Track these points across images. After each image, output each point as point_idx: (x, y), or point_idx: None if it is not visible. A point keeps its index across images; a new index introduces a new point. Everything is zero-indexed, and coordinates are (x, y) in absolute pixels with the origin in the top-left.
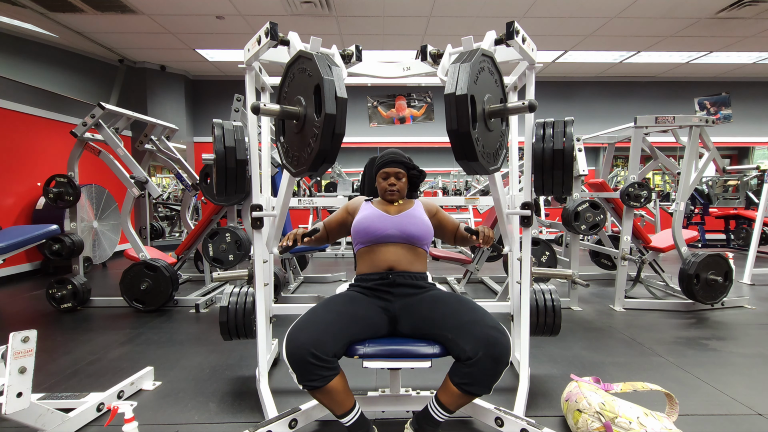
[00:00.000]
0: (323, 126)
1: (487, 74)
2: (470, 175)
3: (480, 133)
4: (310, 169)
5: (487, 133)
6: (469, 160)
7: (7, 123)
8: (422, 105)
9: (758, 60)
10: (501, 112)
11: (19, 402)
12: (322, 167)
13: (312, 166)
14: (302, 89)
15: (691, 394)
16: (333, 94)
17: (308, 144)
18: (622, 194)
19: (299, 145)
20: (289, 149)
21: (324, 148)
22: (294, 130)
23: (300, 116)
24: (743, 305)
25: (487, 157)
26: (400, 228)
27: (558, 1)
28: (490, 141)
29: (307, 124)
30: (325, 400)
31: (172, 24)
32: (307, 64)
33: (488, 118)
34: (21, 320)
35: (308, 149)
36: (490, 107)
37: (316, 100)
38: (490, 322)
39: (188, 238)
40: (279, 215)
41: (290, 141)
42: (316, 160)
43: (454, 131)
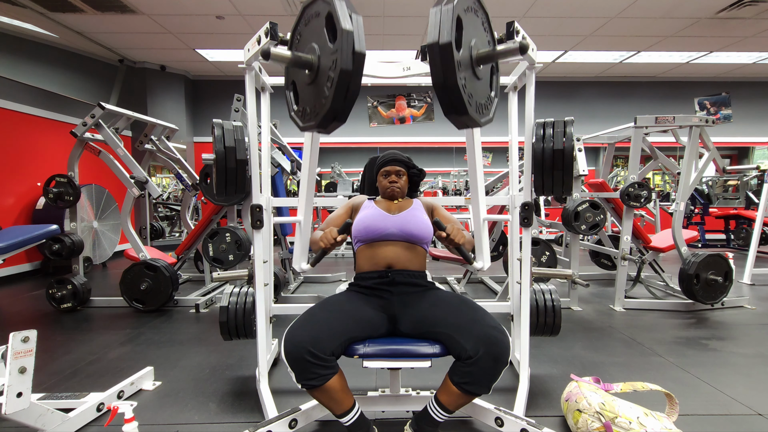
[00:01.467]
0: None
1: (472, 15)
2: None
3: (468, 83)
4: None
5: (476, 82)
6: (459, 114)
7: (7, 123)
8: (422, 105)
9: (758, 60)
10: (490, 57)
11: (19, 402)
12: (332, 125)
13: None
14: (317, 36)
15: (691, 394)
16: (351, 48)
17: (320, 98)
18: (622, 194)
19: (310, 97)
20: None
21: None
22: (305, 80)
23: (313, 66)
24: (743, 305)
25: (478, 108)
26: (400, 227)
27: (558, 1)
28: (479, 90)
29: (321, 75)
30: (324, 399)
31: (172, 24)
32: (314, 7)
33: (476, 64)
34: (21, 320)
35: (319, 103)
36: (479, 52)
37: (329, 33)
38: (491, 321)
39: (188, 238)
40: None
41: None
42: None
43: (441, 84)
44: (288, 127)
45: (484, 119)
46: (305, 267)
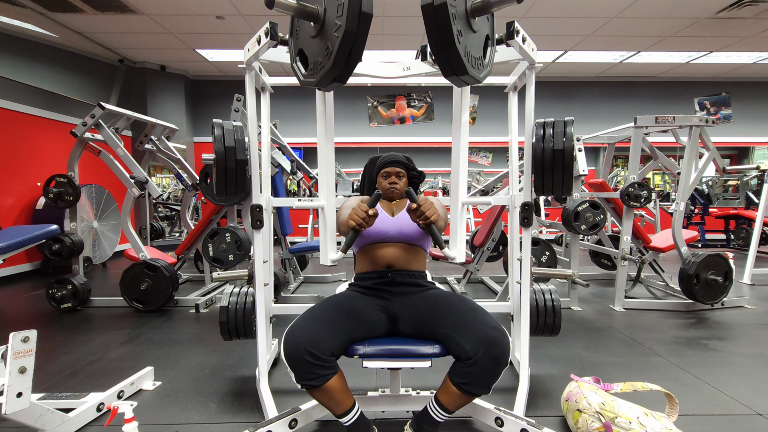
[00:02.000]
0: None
1: None
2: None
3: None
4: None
5: (471, 36)
6: (459, 74)
7: (7, 123)
8: (422, 105)
9: (758, 60)
10: (485, 7)
11: (19, 402)
12: (348, 60)
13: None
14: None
15: (691, 394)
16: (358, 6)
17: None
18: (622, 194)
19: (313, 50)
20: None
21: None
22: (310, 33)
23: (318, 17)
24: (743, 305)
25: (475, 64)
26: (399, 229)
27: (558, 1)
28: (475, 43)
29: (326, 28)
30: (323, 399)
31: (172, 24)
32: None
33: (471, 16)
34: (21, 320)
35: (330, 44)
36: (473, 3)
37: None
38: (491, 321)
39: (188, 238)
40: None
41: (304, 42)
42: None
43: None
44: (288, 127)
45: (483, 73)
46: (336, 257)
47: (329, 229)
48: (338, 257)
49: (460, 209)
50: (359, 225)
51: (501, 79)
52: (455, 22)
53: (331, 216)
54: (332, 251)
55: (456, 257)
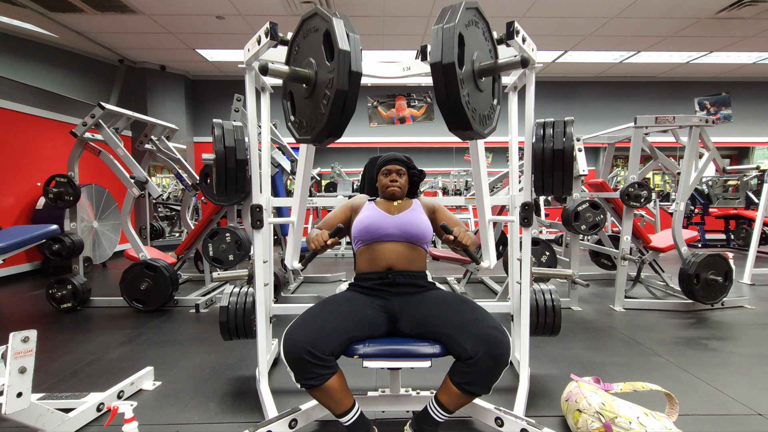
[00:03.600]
0: (332, 102)
1: (473, 29)
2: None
3: (471, 97)
4: (315, 141)
5: (479, 95)
6: (464, 129)
7: (7, 123)
8: (422, 105)
9: (758, 60)
10: (492, 69)
11: (19, 402)
12: (341, 118)
13: (317, 138)
14: (311, 51)
15: (691, 394)
16: (344, 32)
17: (316, 112)
18: (622, 194)
19: (307, 110)
20: (302, 121)
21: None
22: (303, 94)
23: (310, 80)
24: (743, 305)
25: (480, 120)
26: (400, 227)
27: (558, 1)
28: (481, 102)
29: (317, 89)
30: (323, 399)
31: (172, 24)
32: (312, 23)
33: (478, 77)
34: (21, 320)
35: (323, 103)
36: (480, 65)
37: (326, 51)
38: (491, 322)
39: (188, 238)
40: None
41: (302, 111)
42: (334, 108)
43: (445, 102)
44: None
45: (487, 130)
46: (296, 266)
47: (295, 242)
48: (297, 267)
49: (488, 226)
50: (316, 250)
51: (501, 79)
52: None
53: (300, 230)
54: (295, 261)
55: (490, 266)
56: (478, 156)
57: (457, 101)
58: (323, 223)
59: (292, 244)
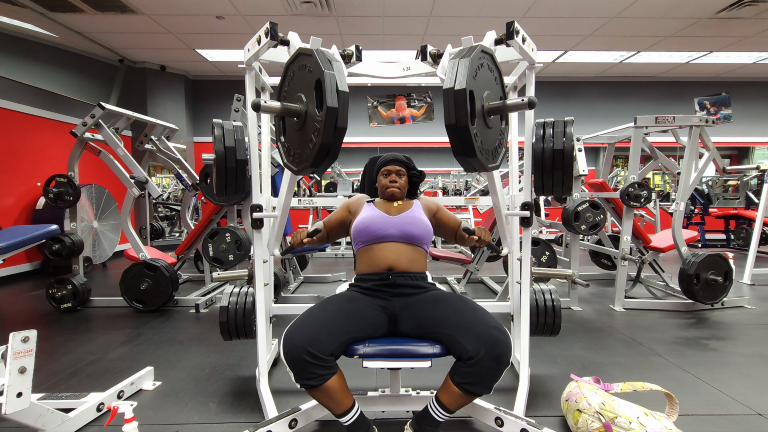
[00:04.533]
0: (325, 120)
1: (486, 71)
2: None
3: (479, 130)
4: (312, 165)
5: (486, 131)
6: (468, 156)
7: (7, 123)
8: (422, 105)
9: (758, 60)
10: (500, 109)
11: (19, 402)
12: (324, 163)
13: (314, 162)
14: (303, 86)
15: (691, 394)
16: (334, 87)
17: (310, 140)
18: (622, 194)
19: (301, 142)
20: (290, 148)
21: (326, 142)
22: (295, 128)
23: (301, 113)
24: (743, 305)
25: (485, 153)
26: (400, 228)
27: (558, 1)
28: (489, 138)
29: (309, 120)
30: (323, 399)
31: (172, 24)
32: (307, 61)
33: (487, 115)
34: (21, 320)
35: (310, 145)
36: (490, 104)
37: (317, 96)
38: (492, 322)
39: (188, 238)
40: (280, 216)
41: (291, 139)
42: (318, 155)
43: (453, 126)
44: None
45: (491, 165)
46: (276, 254)
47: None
48: (276, 255)
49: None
50: (293, 244)
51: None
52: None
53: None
54: (276, 249)
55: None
56: None
57: (465, 126)
58: (327, 220)
59: (273, 234)
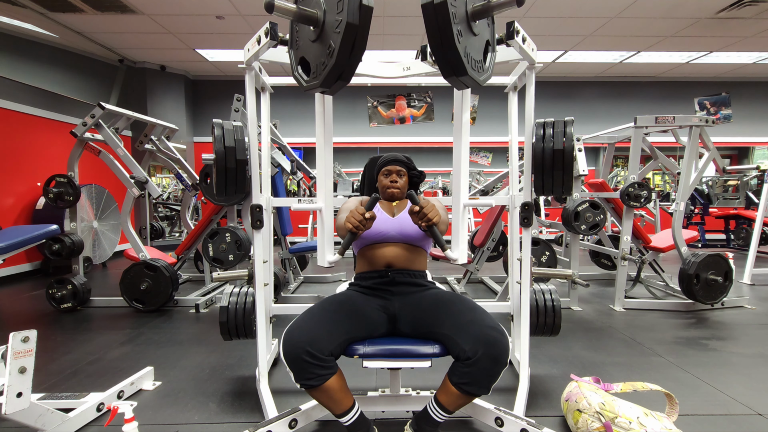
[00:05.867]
0: (342, 38)
1: None
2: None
3: (465, 41)
4: (323, 84)
5: (472, 39)
6: (458, 75)
7: (7, 123)
8: (422, 105)
9: (758, 60)
10: (485, 10)
11: (19, 402)
12: (336, 84)
13: (325, 81)
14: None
15: (691, 394)
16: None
17: (324, 55)
18: (622, 194)
19: (314, 54)
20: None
21: (340, 63)
22: (310, 37)
23: (318, 20)
24: (743, 305)
25: (476, 66)
26: (399, 229)
27: (558, 1)
28: (476, 46)
29: (326, 31)
30: (323, 399)
31: (172, 24)
32: None
33: (472, 19)
34: (21, 320)
35: (323, 61)
36: (474, 6)
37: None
38: (490, 322)
39: (188, 238)
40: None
41: (304, 48)
42: (330, 75)
43: (438, 45)
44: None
45: (483, 77)
46: (333, 258)
47: (327, 231)
48: (335, 259)
49: (462, 211)
50: (356, 228)
51: (501, 79)
52: (455, 22)
53: (329, 218)
54: (329, 253)
55: (458, 259)
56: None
57: (451, 43)
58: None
59: (323, 235)
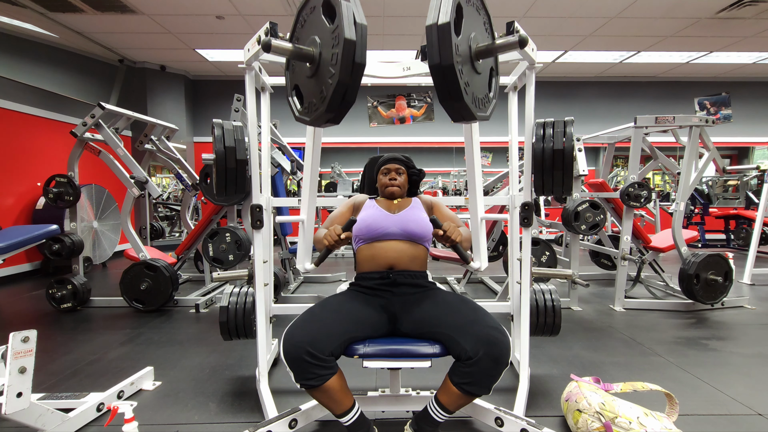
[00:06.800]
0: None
1: (473, 11)
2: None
3: (466, 73)
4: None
5: (475, 76)
6: (454, 99)
7: (7, 123)
8: (422, 105)
9: (758, 60)
10: (489, 50)
11: (19, 402)
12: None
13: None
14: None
15: (691, 394)
16: (352, 18)
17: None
18: (622, 194)
19: (314, 89)
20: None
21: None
22: (307, 74)
23: (314, 57)
24: (743, 305)
25: (475, 101)
26: (401, 226)
27: (558, 1)
28: (478, 84)
29: (323, 65)
30: (323, 399)
31: (172, 24)
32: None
33: (475, 58)
34: (21, 320)
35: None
36: (478, 46)
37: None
38: (491, 322)
39: (188, 238)
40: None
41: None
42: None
43: (437, 65)
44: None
45: (480, 114)
46: (309, 267)
47: (307, 241)
48: (310, 268)
49: (480, 224)
50: (331, 246)
51: (501, 79)
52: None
53: (310, 230)
54: (307, 261)
55: (480, 267)
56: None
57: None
58: (328, 222)
59: (304, 244)
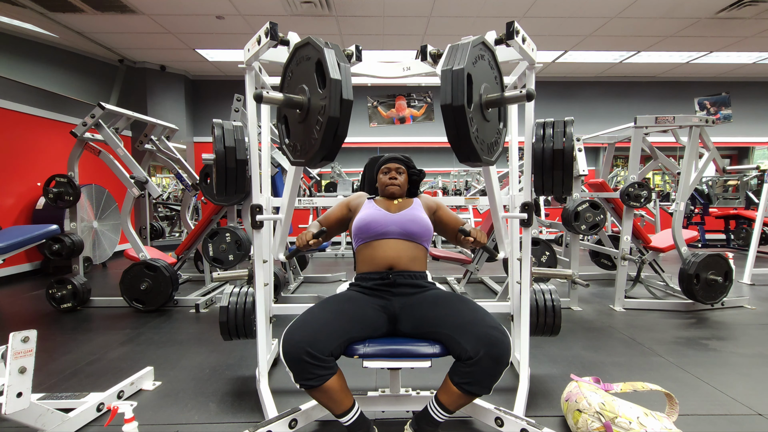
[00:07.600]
0: (325, 128)
1: (486, 65)
2: (463, 162)
3: (475, 118)
4: (309, 163)
5: (484, 123)
6: (462, 140)
7: (7, 123)
8: (422, 105)
9: (758, 60)
10: (498, 101)
11: (19, 402)
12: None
13: (311, 161)
14: (303, 78)
15: (691, 394)
16: (335, 62)
17: (310, 137)
18: (622, 194)
19: (301, 134)
20: (296, 144)
21: (324, 148)
22: (297, 119)
23: (304, 106)
24: (743, 305)
25: (481, 144)
26: (401, 226)
27: (558, 1)
28: (486, 131)
29: (312, 109)
30: (322, 399)
31: (172, 24)
32: (304, 51)
33: (485, 107)
34: (21, 320)
35: (310, 141)
36: (488, 96)
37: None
38: (491, 322)
39: (188, 238)
40: (284, 219)
41: (292, 128)
42: (315, 157)
43: (448, 106)
44: None
45: (485, 158)
46: (281, 258)
47: (282, 235)
48: (282, 259)
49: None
50: (300, 248)
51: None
52: (472, 122)
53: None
54: (281, 253)
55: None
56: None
57: (461, 105)
58: (323, 218)
59: (279, 238)
